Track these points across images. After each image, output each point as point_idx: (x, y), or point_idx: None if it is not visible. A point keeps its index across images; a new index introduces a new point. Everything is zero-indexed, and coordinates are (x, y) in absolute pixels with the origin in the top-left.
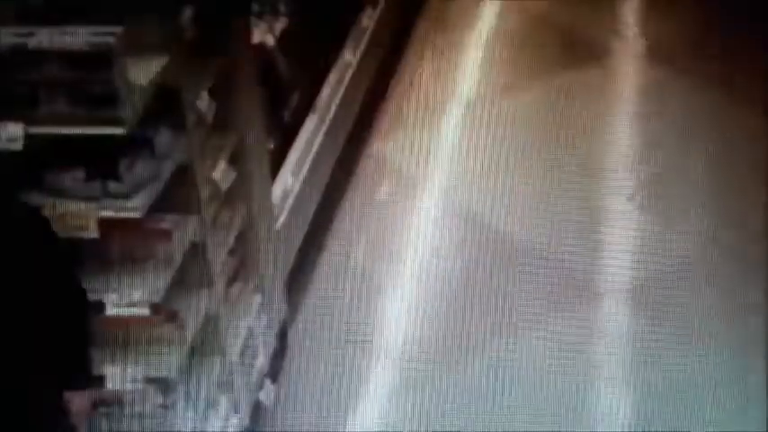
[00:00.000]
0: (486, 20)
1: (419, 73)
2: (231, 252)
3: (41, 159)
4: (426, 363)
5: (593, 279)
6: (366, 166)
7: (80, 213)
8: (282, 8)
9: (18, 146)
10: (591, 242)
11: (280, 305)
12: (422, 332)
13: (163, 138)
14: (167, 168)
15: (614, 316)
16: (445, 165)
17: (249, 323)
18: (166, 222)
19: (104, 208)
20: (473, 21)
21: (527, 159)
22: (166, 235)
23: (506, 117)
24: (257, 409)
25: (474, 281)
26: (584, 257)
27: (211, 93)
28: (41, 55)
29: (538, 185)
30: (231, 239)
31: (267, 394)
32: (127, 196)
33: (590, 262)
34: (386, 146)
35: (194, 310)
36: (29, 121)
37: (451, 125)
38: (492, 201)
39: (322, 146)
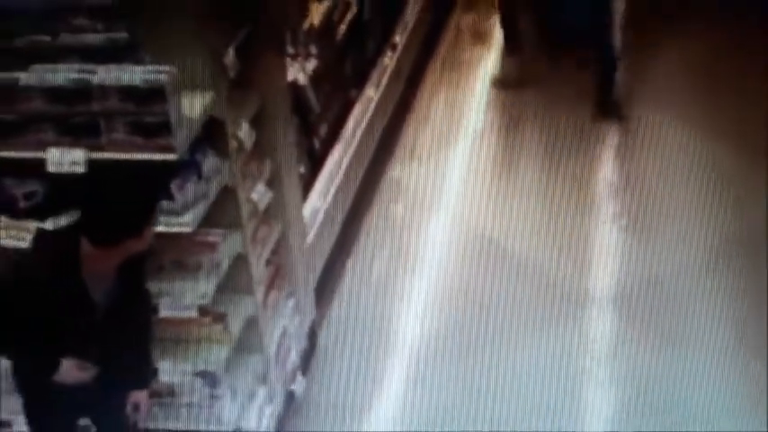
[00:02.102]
0: (491, 65)
1: (432, 108)
2: (268, 263)
3: (103, 181)
4: (436, 358)
5: (580, 288)
6: (386, 189)
7: None
8: (313, 50)
9: (81, 169)
10: (581, 257)
11: (310, 309)
12: (432, 332)
13: (209, 163)
14: (213, 189)
15: (599, 319)
16: (455, 188)
17: (284, 324)
18: (213, 236)
19: (159, 224)
20: (478, 65)
21: (527, 185)
22: (213, 247)
23: (509, 147)
24: (290, 399)
25: (477, 287)
26: (574, 270)
27: (251, 123)
28: (102, 90)
29: (537, 207)
30: (268, 252)
31: (299, 386)
32: (179, 213)
33: (579, 273)
34: (403, 171)
35: (237, 312)
36: (91, 147)
37: (460, 154)
38: (495, 220)
39: (347, 171)
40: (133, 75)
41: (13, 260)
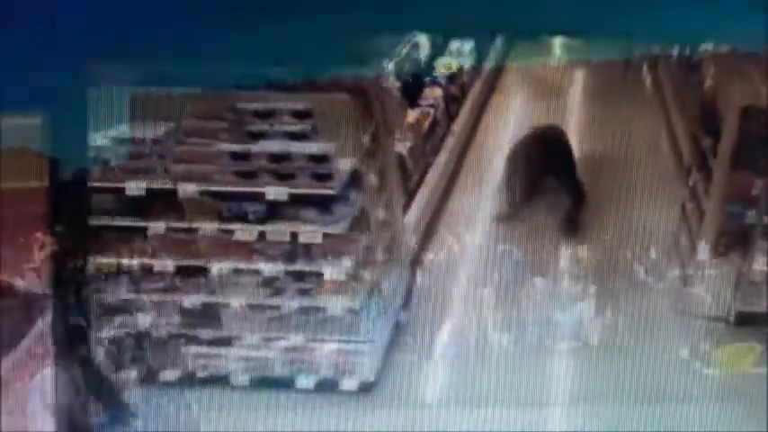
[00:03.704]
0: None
1: (475, 167)
2: (384, 251)
3: (295, 204)
4: (475, 298)
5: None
6: (448, 212)
7: (314, 231)
8: (409, 136)
9: (285, 199)
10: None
11: (407, 275)
12: (471, 287)
13: (353, 195)
14: (355, 210)
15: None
16: (488, 210)
17: (393, 282)
18: (355, 236)
19: (326, 228)
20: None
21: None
22: (355, 242)
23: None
24: (397, 324)
25: (497, 272)
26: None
27: (376, 174)
28: (296, 155)
29: (539, 226)
30: (384, 245)
31: (402, 316)
32: (337, 222)
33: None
34: (458, 202)
35: (368, 277)
36: (291, 186)
37: (485, 195)
38: (507, 232)
39: (427, 201)
40: (314, 147)
41: None
